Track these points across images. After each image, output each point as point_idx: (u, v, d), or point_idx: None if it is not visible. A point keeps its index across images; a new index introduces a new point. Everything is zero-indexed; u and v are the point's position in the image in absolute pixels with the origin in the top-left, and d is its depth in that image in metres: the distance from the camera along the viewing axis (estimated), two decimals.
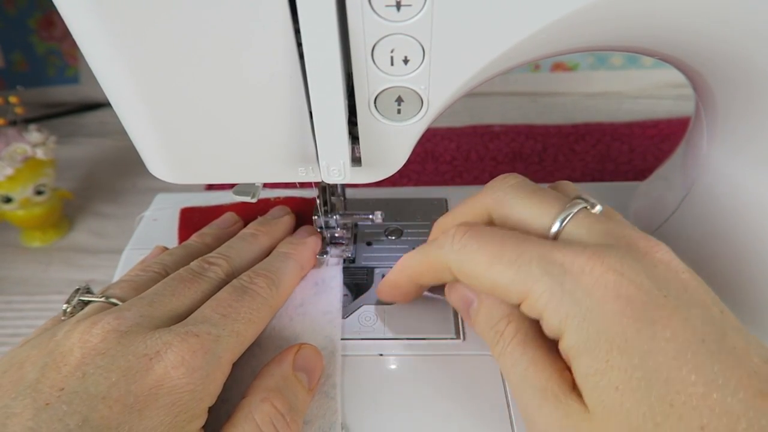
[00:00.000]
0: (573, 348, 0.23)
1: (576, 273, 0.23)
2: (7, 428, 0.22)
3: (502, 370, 0.27)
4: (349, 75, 0.24)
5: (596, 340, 0.22)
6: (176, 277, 0.30)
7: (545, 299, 0.23)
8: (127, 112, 0.26)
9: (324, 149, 0.25)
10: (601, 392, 0.22)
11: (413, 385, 0.31)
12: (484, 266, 0.25)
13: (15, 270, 0.49)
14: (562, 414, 0.23)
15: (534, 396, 0.24)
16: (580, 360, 0.22)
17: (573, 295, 0.23)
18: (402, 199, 0.44)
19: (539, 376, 0.24)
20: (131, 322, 0.26)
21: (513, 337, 0.26)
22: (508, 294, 0.25)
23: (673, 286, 0.23)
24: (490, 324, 0.27)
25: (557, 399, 0.23)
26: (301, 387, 0.29)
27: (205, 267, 0.32)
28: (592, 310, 0.22)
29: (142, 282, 0.31)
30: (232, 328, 0.28)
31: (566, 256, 0.24)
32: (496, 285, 0.25)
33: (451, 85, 0.24)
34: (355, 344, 0.33)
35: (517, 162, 0.57)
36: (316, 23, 0.21)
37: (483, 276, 0.25)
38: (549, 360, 0.25)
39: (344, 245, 0.38)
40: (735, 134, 0.31)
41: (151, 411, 0.23)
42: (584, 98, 0.67)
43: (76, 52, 0.69)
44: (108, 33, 0.22)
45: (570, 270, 0.23)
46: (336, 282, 0.36)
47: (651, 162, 0.57)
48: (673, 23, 0.24)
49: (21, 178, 0.47)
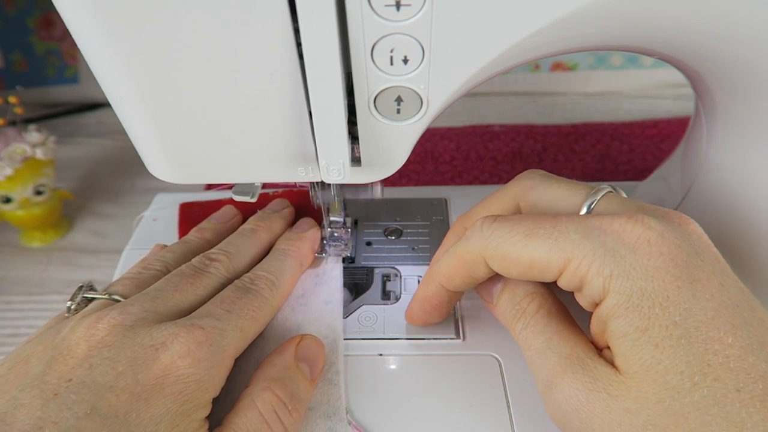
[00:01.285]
0: (615, 307, 0.22)
1: (617, 232, 0.23)
2: (15, 418, 0.22)
3: (521, 344, 0.27)
4: (349, 75, 0.24)
5: (639, 297, 0.22)
6: (178, 273, 0.31)
7: (588, 261, 0.23)
8: (126, 113, 0.26)
9: (323, 149, 0.25)
10: (639, 350, 0.21)
11: (413, 385, 0.31)
12: (520, 245, 0.24)
13: (14, 270, 0.49)
14: (590, 378, 0.23)
15: (558, 363, 0.24)
16: (620, 320, 0.22)
17: (616, 252, 0.23)
18: (402, 199, 0.44)
19: (564, 344, 0.25)
20: (136, 316, 0.26)
21: (536, 312, 0.26)
22: (547, 267, 0.24)
23: (707, 254, 0.23)
24: (513, 303, 0.28)
25: (584, 364, 0.23)
26: (303, 377, 0.29)
27: (207, 263, 0.32)
28: (635, 267, 0.22)
29: (144, 279, 0.31)
30: (236, 324, 0.28)
31: (603, 220, 0.24)
32: (534, 261, 0.24)
33: (450, 85, 0.24)
34: (355, 344, 0.33)
35: (516, 162, 0.57)
36: (315, 23, 0.21)
37: (520, 255, 0.25)
38: (573, 331, 0.26)
39: (344, 245, 0.38)
40: (734, 134, 0.31)
41: (157, 399, 0.24)
42: (584, 98, 0.67)
43: (75, 52, 0.69)
44: (107, 33, 0.22)
45: (610, 230, 0.23)
46: (336, 272, 0.37)
47: (651, 162, 0.57)
48: (673, 23, 0.24)
49: (20, 178, 0.47)
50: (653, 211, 0.25)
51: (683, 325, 0.21)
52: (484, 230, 0.26)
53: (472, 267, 0.27)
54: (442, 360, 0.32)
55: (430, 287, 0.30)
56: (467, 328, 0.34)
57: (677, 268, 0.22)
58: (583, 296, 0.24)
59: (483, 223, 0.26)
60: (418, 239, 0.40)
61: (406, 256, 0.39)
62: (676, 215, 0.25)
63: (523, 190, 0.29)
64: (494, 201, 0.31)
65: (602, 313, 0.23)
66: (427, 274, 0.31)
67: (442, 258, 0.29)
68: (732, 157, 0.32)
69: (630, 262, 0.22)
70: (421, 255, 0.39)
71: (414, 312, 0.32)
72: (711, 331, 0.21)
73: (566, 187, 0.28)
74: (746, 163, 0.31)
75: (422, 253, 0.39)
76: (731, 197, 0.32)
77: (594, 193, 0.27)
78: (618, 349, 0.22)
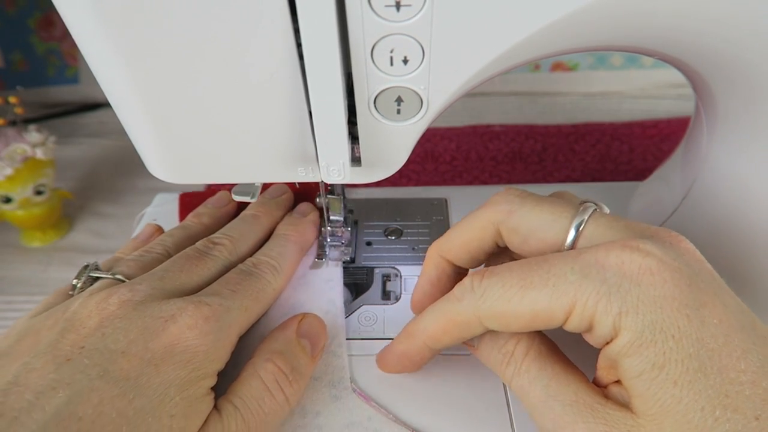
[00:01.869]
0: (628, 345, 0.21)
1: (616, 265, 0.22)
2: (29, 380, 0.23)
3: (517, 392, 0.25)
4: (349, 75, 0.24)
5: (652, 331, 0.20)
6: (183, 255, 0.32)
7: (593, 302, 0.21)
8: (126, 113, 0.26)
9: (324, 149, 0.25)
10: (658, 389, 0.20)
11: (413, 384, 0.31)
12: (516, 298, 0.23)
13: (15, 270, 0.49)
14: (604, 424, 0.21)
15: (564, 412, 0.22)
16: (634, 358, 0.21)
17: (620, 287, 0.21)
18: (402, 199, 0.44)
19: (565, 390, 0.23)
20: (144, 293, 0.27)
21: (525, 355, 0.25)
22: (551, 316, 0.22)
23: (705, 273, 0.22)
24: (497, 347, 0.26)
25: (593, 410, 0.22)
26: (304, 352, 0.30)
27: (210, 247, 0.33)
28: (642, 300, 0.21)
29: (147, 261, 0.32)
30: (241, 303, 0.30)
31: (597, 253, 0.22)
32: (537, 312, 0.23)
33: (450, 85, 0.24)
34: (355, 344, 0.33)
35: (516, 162, 0.57)
36: (315, 23, 0.21)
37: (518, 308, 0.23)
38: (571, 372, 0.24)
39: (344, 246, 0.38)
40: (735, 134, 0.31)
41: (167, 365, 0.25)
42: (584, 98, 0.67)
43: (75, 52, 0.69)
44: (107, 33, 0.22)
45: (607, 264, 0.22)
46: (335, 255, 0.38)
47: (651, 162, 0.56)
48: (673, 23, 0.24)
49: (20, 178, 0.47)
50: (644, 232, 0.24)
51: (698, 357, 0.20)
52: (475, 289, 0.24)
53: (465, 328, 0.26)
54: (442, 360, 0.32)
55: (413, 345, 0.28)
56: None
57: (683, 295, 0.21)
58: (593, 337, 0.22)
59: (472, 281, 0.25)
60: (419, 239, 0.40)
61: (407, 256, 0.39)
62: (666, 233, 0.24)
63: (502, 214, 0.27)
64: (470, 226, 0.28)
65: (613, 352, 0.22)
66: (410, 329, 0.28)
67: (427, 316, 0.27)
68: (732, 157, 0.32)
69: (636, 295, 0.21)
70: (422, 255, 0.39)
71: (389, 364, 0.30)
72: (724, 359, 0.20)
73: (549, 210, 0.26)
74: (747, 163, 0.31)
75: (422, 253, 0.39)
76: (731, 197, 0.32)
77: (581, 213, 0.25)
78: (634, 389, 0.21)
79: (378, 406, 0.30)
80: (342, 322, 0.33)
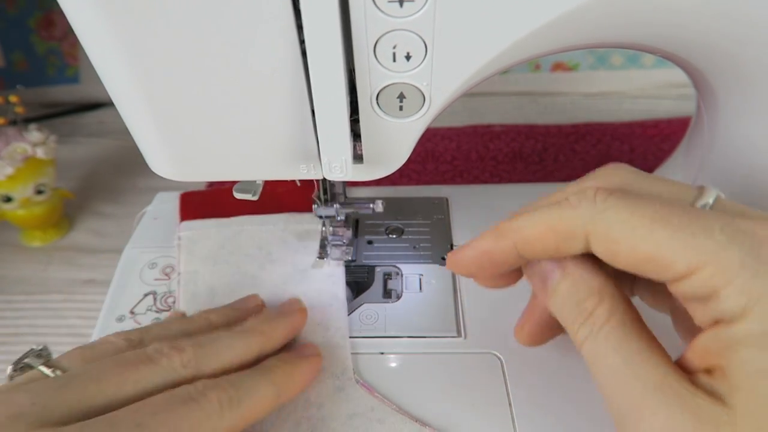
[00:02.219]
0: (753, 336, 0.18)
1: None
2: None
3: (587, 358, 0.22)
4: (351, 71, 0.24)
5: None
6: (118, 358, 0.26)
7: (732, 273, 0.19)
8: (129, 109, 0.26)
9: (326, 146, 0.25)
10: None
11: (414, 383, 0.31)
12: (642, 230, 0.20)
13: (15, 269, 0.49)
14: (691, 416, 0.19)
15: (646, 393, 0.20)
16: (756, 351, 0.18)
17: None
18: (403, 198, 0.44)
19: (652, 370, 0.20)
20: (15, 410, 0.22)
21: (607, 320, 0.22)
22: (671, 265, 0.20)
23: None
24: (575, 299, 0.23)
25: (681, 398, 0.19)
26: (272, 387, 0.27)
27: (165, 352, 0.26)
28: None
29: (98, 354, 0.27)
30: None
31: (756, 224, 0.19)
32: (656, 256, 0.20)
33: (453, 82, 0.24)
34: (356, 342, 0.33)
35: (517, 162, 0.57)
36: (318, 19, 0.21)
37: (639, 243, 0.20)
38: (657, 352, 0.21)
39: (345, 246, 0.38)
40: (736, 133, 0.31)
41: None
42: (584, 98, 0.67)
43: (76, 51, 0.69)
44: (110, 30, 0.22)
45: (765, 242, 0.19)
46: (337, 255, 0.38)
47: (651, 162, 0.56)
48: (675, 19, 0.24)
49: (21, 178, 0.47)
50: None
51: None
52: (597, 202, 0.21)
53: (565, 240, 0.22)
54: (444, 358, 0.32)
55: (500, 244, 0.24)
56: (468, 327, 0.34)
57: None
58: (705, 309, 0.20)
59: (597, 193, 0.21)
60: (419, 238, 0.40)
61: (407, 255, 0.39)
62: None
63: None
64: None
65: (727, 336, 0.19)
66: (501, 227, 0.24)
67: (525, 216, 0.23)
68: (733, 156, 0.32)
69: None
70: (422, 254, 0.39)
71: (464, 260, 0.26)
72: None
73: (668, 187, 0.23)
74: (747, 163, 0.31)
75: (423, 252, 0.39)
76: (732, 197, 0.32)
77: (706, 193, 0.22)
78: (743, 383, 0.18)
79: (381, 397, 0.30)
80: (345, 315, 0.34)
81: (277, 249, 0.38)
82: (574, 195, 0.22)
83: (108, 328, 0.35)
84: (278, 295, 0.35)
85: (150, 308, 0.36)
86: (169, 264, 0.39)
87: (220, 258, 0.37)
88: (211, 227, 0.39)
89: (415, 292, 0.36)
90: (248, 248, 0.38)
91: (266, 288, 0.35)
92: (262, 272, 0.36)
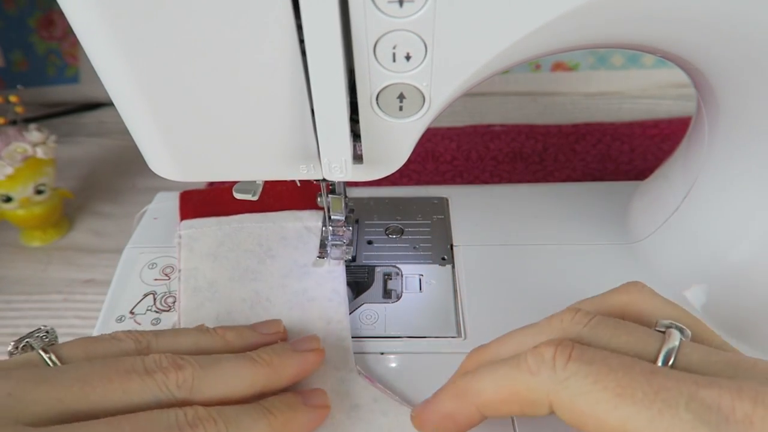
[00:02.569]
0: None
1: (740, 421, 0.18)
2: None
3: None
4: (351, 72, 0.24)
5: None
6: (112, 362, 0.24)
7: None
8: (128, 110, 0.26)
9: (326, 146, 0.25)
10: None
11: (414, 383, 0.31)
12: (606, 405, 0.19)
13: (15, 269, 0.49)
14: None
15: None
16: None
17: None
18: (403, 198, 0.43)
19: None
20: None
21: None
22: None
23: None
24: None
25: None
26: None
27: (162, 366, 0.24)
28: None
29: (101, 351, 0.26)
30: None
31: (721, 396, 0.19)
32: (624, 429, 0.19)
33: (453, 82, 0.24)
34: (356, 343, 0.33)
35: (517, 162, 0.57)
36: (318, 19, 0.21)
37: (605, 417, 0.19)
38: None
39: (345, 245, 0.38)
40: (736, 133, 0.31)
41: None
42: (585, 98, 0.67)
43: (76, 51, 0.69)
44: (110, 29, 0.22)
45: (732, 417, 0.18)
46: (337, 254, 0.38)
47: (652, 162, 0.56)
48: (675, 20, 0.24)
49: (21, 178, 0.47)
50: (751, 369, 0.20)
51: None
52: (557, 370, 0.21)
53: (529, 405, 0.22)
54: (444, 359, 0.32)
55: (463, 408, 0.24)
56: (468, 327, 0.34)
57: None
58: None
59: (557, 357, 0.21)
60: (420, 238, 0.40)
61: (408, 255, 0.39)
62: (762, 365, 0.20)
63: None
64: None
65: None
66: (460, 387, 0.24)
67: (485, 378, 0.23)
68: (733, 156, 0.32)
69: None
70: (422, 254, 0.39)
71: (429, 422, 0.26)
72: None
73: (625, 336, 0.22)
74: (747, 163, 0.31)
75: (423, 252, 0.39)
76: (732, 196, 0.32)
77: (667, 344, 0.21)
78: None
79: (383, 388, 0.30)
80: (345, 309, 0.34)
81: (277, 246, 0.38)
82: (532, 357, 0.22)
83: (108, 329, 0.35)
84: (279, 289, 0.35)
85: (150, 308, 0.36)
86: (169, 264, 0.39)
87: (220, 254, 0.37)
88: (211, 225, 0.39)
89: (415, 292, 0.36)
90: (248, 245, 0.38)
91: (266, 282, 0.35)
92: (263, 267, 0.36)
